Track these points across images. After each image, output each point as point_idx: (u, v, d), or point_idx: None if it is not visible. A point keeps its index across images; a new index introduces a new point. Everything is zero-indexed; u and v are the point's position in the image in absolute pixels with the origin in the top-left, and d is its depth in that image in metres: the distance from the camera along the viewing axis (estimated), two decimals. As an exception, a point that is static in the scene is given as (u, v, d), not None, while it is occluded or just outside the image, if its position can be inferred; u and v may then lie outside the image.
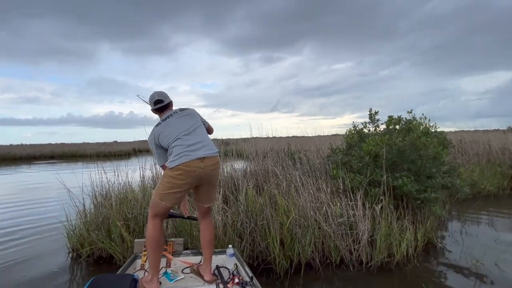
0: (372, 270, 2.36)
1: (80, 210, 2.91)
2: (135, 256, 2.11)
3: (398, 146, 2.95)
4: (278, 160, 3.83)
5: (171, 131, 1.74)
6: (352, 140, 3.59)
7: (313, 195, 2.85)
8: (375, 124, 3.88)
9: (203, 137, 1.78)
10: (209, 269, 1.90)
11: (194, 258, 2.17)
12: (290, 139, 5.91)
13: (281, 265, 2.33)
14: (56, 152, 21.14)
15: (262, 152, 3.91)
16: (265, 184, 3.35)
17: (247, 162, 4.07)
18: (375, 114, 3.87)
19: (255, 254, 2.47)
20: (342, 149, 4.06)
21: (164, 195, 1.66)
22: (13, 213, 4.67)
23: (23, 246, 3.16)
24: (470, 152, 6.00)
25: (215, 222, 2.49)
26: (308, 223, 2.50)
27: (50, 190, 6.73)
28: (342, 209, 2.66)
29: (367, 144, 3.06)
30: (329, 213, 2.59)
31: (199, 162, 1.65)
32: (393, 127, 3.62)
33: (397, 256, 2.41)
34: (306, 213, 2.59)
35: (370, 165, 3.02)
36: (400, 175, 2.86)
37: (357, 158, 3.25)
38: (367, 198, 2.78)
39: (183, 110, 1.89)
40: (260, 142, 4.80)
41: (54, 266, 2.58)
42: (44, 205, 5.25)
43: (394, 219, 2.62)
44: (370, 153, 3.05)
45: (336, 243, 2.46)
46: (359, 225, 2.54)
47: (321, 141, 5.74)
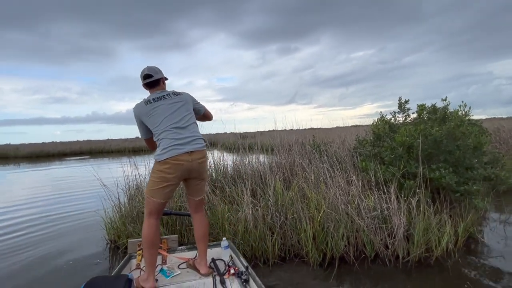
0: (410, 265, 2.27)
1: (115, 203, 3.04)
2: (130, 256, 2.14)
3: (434, 136, 2.79)
4: (304, 153, 3.76)
5: (161, 118, 1.70)
6: (382, 131, 3.44)
7: (343, 188, 2.78)
8: (405, 114, 3.71)
9: (192, 131, 1.76)
10: (204, 262, 1.92)
11: (189, 254, 2.20)
12: (308, 131, 5.81)
13: (314, 259, 2.31)
14: (84, 149, 22.27)
15: (288, 145, 3.85)
16: (292, 177, 3.31)
17: (272, 155, 4.04)
18: (405, 102, 3.68)
19: (286, 248, 2.46)
20: (369, 140, 3.92)
21: (154, 191, 1.67)
22: (53, 205, 4.99)
23: (66, 236, 3.39)
24: (510, 141, 5.58)
25: (245, 216, 2.51)
26: (340, 216, 2.45)
27: (84, 184, 7.13)
28: (375, 203, 2.57)
29: (400, 135, 2.92)
30: (361, 207, 2.52)
31: (187, 156, 1.66)
32: (426, 116, 3.43)
33: (436, 251, 2.31)
34: (337, 206, 2.53)
35: (403, 157, 2.88)
36: (437, 167, 2.72)
37: (388, 149, 3.11)
38: (402, 191, 2.66)
39: (177, 94, 1.82)
40: (278, 134, 4.76)
41: (95, 256, 2.73)
42: (80, 198, 5.57)
43: (432, 213, 2.50)
44: (403, 144, 2.91)
45: (370, 237, 2.39)
46: (394, 219, 2.44)
47: (344, 133, 5.59)
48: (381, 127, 3.48)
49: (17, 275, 2.47)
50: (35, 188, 7.36)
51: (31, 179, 9.48)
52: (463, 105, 2.92)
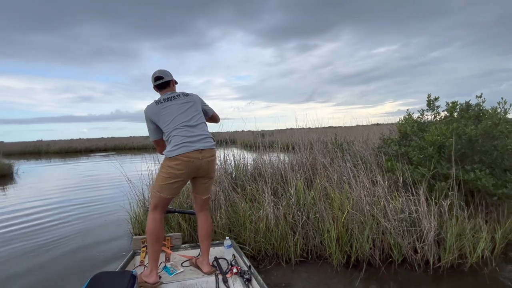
0: (441, 272, 2.15)
1: (139, 198, 3.13)
2: (134, 253, 2.17)
3: (469, 135, 2.62)
4: (326, 151, 3.68)
5: (172, 117, 1.73)
6: (411, 129, 3.28)
7: (368, 188, 2.68)
8: (435, 111, 3.51)
9: (203, 129, 1.79)
10: (207, 261, 1.93)
11: (193, 252, 2.22)
12: (327, 130, 5.70)
13: (338, 260, 2.25)
14: (109, 145, 23.33)
15: (309, 143, 3.78)
16: (314, 176, 3.24)
17: (293, 153, 3.99)
18: (434, 100, 3.49)
19: (308, 248, 2.42)
20: (395, 139, 3.76)
21: (162, 186, 1.69)
22: (82, 198, 5.27)
23: (93, 228, 3.56)
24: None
25: (266, 214, 2.49)
26: (365, 218, 2.36)
27: (109, 179, 7.47)
28: (402, 205, 2.46)
29: (431, 134, 2.76)
30: (387, 208, 2.42)
31: (197, 154, 1.68)
32: (459, 114, 3.22)
33: (471, 258, 2.16)
34: (361, 207, 2.45)
35: (434, 157, 2.73)
36: (471, 168, 2.54)
37: (416, 149, 2.96)
38: (432, 193, 2.52)
39: (187, 95, 1.86)
40: (297, 133, 4.70)
41: (121, 249, 2.83)
42: (107, 191, 5.84)
43: (466, 217, 2.34)
44: (434, 144, 2.75)
45: (397, 241, 2.29)
46: (423, 222, 2.32)
47: (366, 131, 5.41)
48: (410, 125, 3.31)
49: (45, 265, 2.62)
50: (65, 181, 7.82)
51: (62, 173, 10.07)
52: (503, 102, 2.71)
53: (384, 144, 3.83)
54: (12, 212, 4.66)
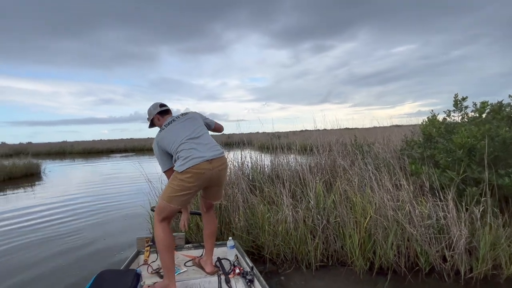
0: (474, 283, 2.02)
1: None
2: (138, 252, 2.18)
3: (503, 137, 2.45)
4: (346, 153, 3.58)
5: (175, 135, 1.75)
6: (437, 131, 3.13)
7: (392, 192, 2.57)
8: (462, 112, 3.33)
9: (208, 139, 1.80)
10: (210, 261, 1.94)
11: (196, 252, 2.22)
12: (343, 131, 5.59)
13: (360, 267, 2.16)
14: (128, 146, 24.13)
15: (328, 145, 3.71)
16: (333, 179, 3.17)
17: (310, 155, 3.92)
18: (462, 100, 3.30)
19: (329, 253, 2.35)
20: (418, 141, 3.60)
21: (173, 197, 1.66)
22: (102, 197, 5.45)
23: (114, 227, 3.67)
24: None
25: (285, 217, 2.45)
26: (389, 223, 2.26)
27: (130, 178, 7.70)
28: (429, 210, 2.33)
29: (460, 136, 2.61)
30: (412, 214, 2.30)
31: (207, 164, 1.66)
32: (489, 115, 3.03)
33: (507, 269, 2.01)
34: (385, 212, 2.35)
35: (463, 160, 2.58)
36: (506, 172, 2.38)
37: (443, 151, 2.81)
38: (462, 198, 2.38)
39: (185, 114, 1.92)
40: (312, 134, 4.62)
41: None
42: (127, 191, 6.02)
43: (500, 225, 2.19)
44: (463, 146, 2.60)
45: (424, 248, 2.18)
46: (452, 229, 2.19)
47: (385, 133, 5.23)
48: (436, 127, 3.16)
49: (60, 258, 2.78)
50: (88, 181, 8.14)
51: (84, 173, 10.51)
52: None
53: (407, 146, 3.68)
54: (39, 207, 4.96)
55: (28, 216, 4.43)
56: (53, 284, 2.31)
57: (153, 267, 2.03)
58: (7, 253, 2.98)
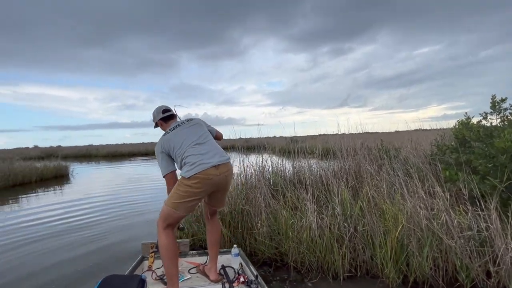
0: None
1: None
2: (142, 258, 2.17)
3: (553, 142, 2.22)
4: (373, 158, 3.42)
5: (181, 140, 1.75)
6: (475, 135, 2.91)
7: (425, 200, 2.40)
8: (501, 114, 3.08)
9: (214, 145, 1.81)
10: (214, 268, 1.92)
11: (200, 259, 2.21)
12: (363, 136, 5.41)
13: (392, 279, 2.02)
14: (150, 150, 24.87)
15: (352, 149, 3.56)
16: (359, 185, 3.02)
17: (333, 160, 3.79)
18: (501, 101, 3.05)
19: (357, 263, 2.22)
20: (451, 146, 3.37)
21: (178, 204, 1.64)
22: (126, 198, 5.60)
23: (135, 228, 3.76)
24: None
25: (309, 224, 2.35)
26: (424, 234, 2.10)
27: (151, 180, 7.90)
28: (469, 221, 2.14)
29: (503, 140, 2.40)
30: (449, 224, 2.13)
31: (214, 170, 1.66)
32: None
33: None
34: (418, 221, 2.19)
35: (507, 166, 2.36)
36: (559, 181, 2.14)
37: (481, 157, 2.60)
38: (508, 208, 2.17)
39: (190, 120, 1.93)
40: (330, 139, 4.49)
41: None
42: (149, 193, 6.15)
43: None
44: (507, 151, 2.38)
45: (464, 262, 1.99)
46: (496, 241, 1.99)
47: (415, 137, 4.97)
48: (474, 130, 2.94)
49: (83, 257, 2.89)
50: (112, 182, 8.44)
51: (109, 175, 10.92)
52: None
53: (438, 151, 3.45)
54: (66, 207, 5.21)
55: (56, 215, 4.65)
56: (72, 282, 2.38)
57: (157, 273, 2.01)
58: (32, 249, 3.13)
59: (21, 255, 3.00)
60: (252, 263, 2.07)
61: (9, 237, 3.62)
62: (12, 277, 2.50)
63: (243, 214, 2.75)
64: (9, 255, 3.02)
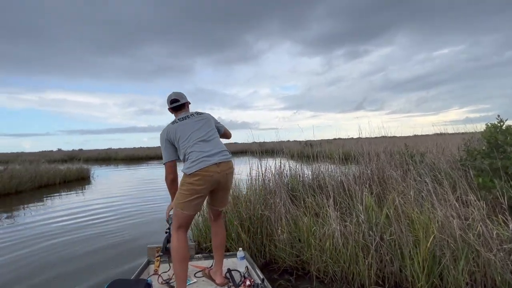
0: None
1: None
2: (148, 262, 2.15)
3: None
4: (397, 163, 3.27)
5: (188, 134, 1.77)
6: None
7: (458, 209, 2.24)
8: (540, 117, 2.85)
9: (218, 144, 1.82)
10: (220, 272, 1.90)
11: (206, 262, 2.20)
12: (379, 140, 5.24)
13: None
14: (165, 153, 25.39)
15: (375, 154, 3.43)
16: (383, 191, 2.89)
17: (354, 164, 3.66)
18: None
19: (384, 274, 2.10)
20: (482, 151, 3.16)
21: (184, 204, 1.67)
22: (143, 199, 5.69)
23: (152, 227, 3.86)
24: None
25: (332, 231, 2.26)
26: (458, 245, 1.95)
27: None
28: (510, 232, 1.97)
29: (545, 144, 2.21)
30: (487, 235, 1.96)
31: (215, 167, 1.69)
32: None
33: None
34: (451, 232, 2.04)
35: (552, 173, 2.16)
36: None
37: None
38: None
39: (200, 114, 1.93)
40: (346, 143, 4.35)
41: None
42: (165, 195, 6.21)
43: None
44: (550, 157, 2.19)
45: (505, 278, 1.83)
46: (542, 256, 1.81)
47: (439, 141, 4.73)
48: (510, 134, 2.74)
49: (97, 254, 3.06)
50: (129, 184, 8.64)
51: (126, 178, 11.19)
52: None
53: (469, 156, 3.25)
54: (85, 207, 5.47)
55: (77, 214, 4.84)
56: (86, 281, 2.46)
57: (163, 277, 1.99)
58: (54, 246, 3.25)
59: (42, 249, 3.24)
60: (272, 271, 2.01)
61: (35, 232, 3.90)
62: (34, 267, 2.78)
63: (262, 219, 2.69)
64: (32, 250, 3.25)
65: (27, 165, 9.17)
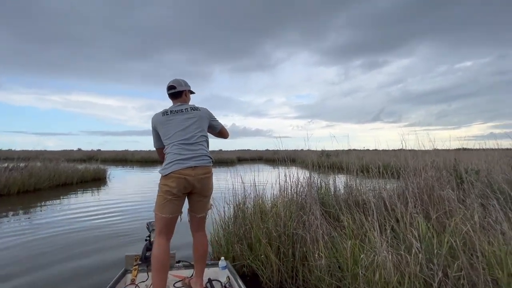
0: None
1: (221, 216, 2.88)
2: (125, 271, 2.06)
3: None
4: (447, 181, 2.85)
5: (171, 133, 1.75)
6: None
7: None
8: None
9: (199, 148, 1.77)
10: (200, 282, 1.85)
11: (186, 272, 2.12)
12: (397, 152, 4.84)
13: None
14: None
15: (422, 168, 3.00)
16: (436, 213, 2.47)
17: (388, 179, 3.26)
18: None
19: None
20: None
21: (161, 206, 1.66)
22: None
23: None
24: None
25: (382, 261, 1.88)
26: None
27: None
28: None
29: None
30: None
31: (190, 171, 1.67)
32: None
33: None
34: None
35: None
36: None
37: None
38: None
39: (194, 109, 1.85)
40: (365, 154, 4.00)
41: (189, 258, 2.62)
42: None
43: None
44: None
45: None
46: None
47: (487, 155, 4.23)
48: None
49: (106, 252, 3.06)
50: (143, 186, 8.55)
51: (141, 179, 11.16)
52: None
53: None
54: (100, 206, 5.57)
55: (91, 214, 4.83)
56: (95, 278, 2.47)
57: (140, 287, 1.88)
58: (65, 244, 3.20)
59: (56, 245, 3.33)
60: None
61: (52, 230, 3.99)
62: (46, 261, 2.85)
63: (293, 238, 2.35)
64: (45, 245, 3.32)
65: (47, 163, 9.28)
